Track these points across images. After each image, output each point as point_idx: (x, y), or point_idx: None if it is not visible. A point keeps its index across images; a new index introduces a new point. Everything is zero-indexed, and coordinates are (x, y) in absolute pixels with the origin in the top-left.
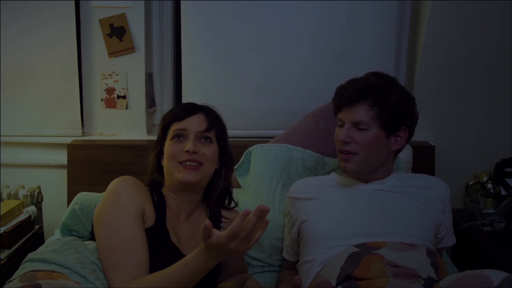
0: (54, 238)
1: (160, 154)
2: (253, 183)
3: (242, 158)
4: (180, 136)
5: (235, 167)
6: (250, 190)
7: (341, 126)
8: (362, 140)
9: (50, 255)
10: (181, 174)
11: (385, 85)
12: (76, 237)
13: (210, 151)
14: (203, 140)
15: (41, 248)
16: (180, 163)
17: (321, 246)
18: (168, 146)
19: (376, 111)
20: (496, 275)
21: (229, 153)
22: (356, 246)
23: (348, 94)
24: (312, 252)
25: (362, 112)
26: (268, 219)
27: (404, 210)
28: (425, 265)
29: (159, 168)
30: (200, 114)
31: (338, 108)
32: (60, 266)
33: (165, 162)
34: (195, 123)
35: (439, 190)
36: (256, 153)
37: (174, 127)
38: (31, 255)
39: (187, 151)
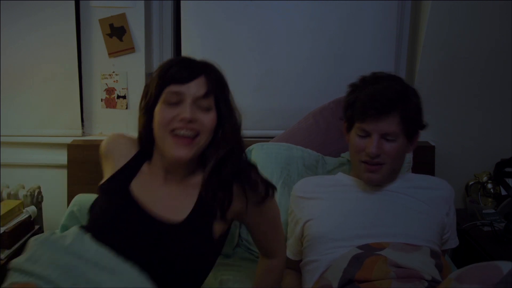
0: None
1: (150, 118)
2: None
3: None
4: (175, 103)
5: None
6: None
7: (363, 137)
8: (391, 151)
9: (26, 265)
10: (172, 149)
11: (406, 90)
12: (55, 232)
13: (208, 119)
14: (200, 109)
15: (22, 255)
16: (172, 131)
17: (325, 246)
18: (159, 110)
19: (403, 120)
20: (506, 265)
21: (231, 120)
22: (359, 247)
23: (380, 105)
24: (316, 252)
25: (392, 123)
26: None
27: (408, 211)
28: (429, 266)
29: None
30: (202, 77)
31: (363, 119)
32: (34, 276)
33: (155, 129)
34: (193, 87)
35: (443, 191)
36: (256, 151)
37: (169, 89)
38: (12, 264)
39: (183, 119)
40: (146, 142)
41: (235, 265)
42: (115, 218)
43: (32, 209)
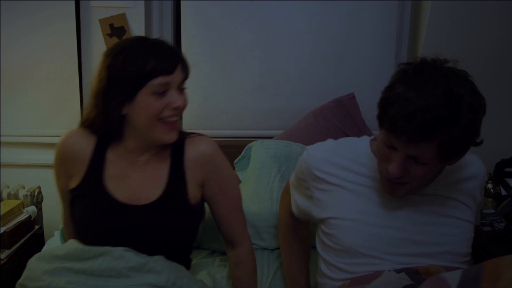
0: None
1: (122, 104)
2: (253, 175)
3: (242, 153)
4: (162, 92)
5: (235, 161)
6: (250, 182)
7: (391, 148)
8: (418, 173)
9: (26, 283)
10: (164, 135)
11: (457, 109)
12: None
13: (186, 99)
14: (179, 91)
15: (23, 274)
16: (160, 119)
17: (354, 260)
18: (148, 101)
19: (442, 145)
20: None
21: None
22: (409, 275)
23: (411, 131)
24: (343, 262)
25: (426, 149)
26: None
27: (451, 221)
28: None
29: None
30: (179, 64)
31: (393, 133)
32: None
33: (140, 118)
34: (177, 75)
35: (480, 179)
36: (256, 148)
37: (159, 81)
38: (17, 285)
39: (177, 108)
40: (113, 127)
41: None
42: (98, 221)
43: (32, 209)
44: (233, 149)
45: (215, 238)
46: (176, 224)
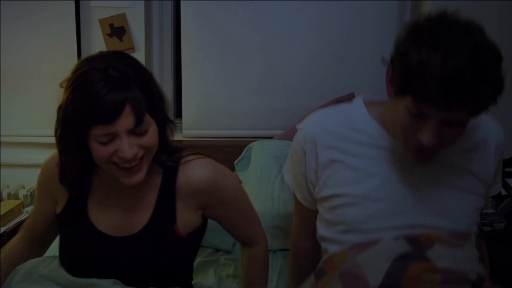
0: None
1: (76, 149)
2: (253, 176)
3: (242, 154)
4: (108, 141)
5: (236, 162)
6: (251, 183)
7: (419, 117)
8: (453, 136)
9: None
10: (122, 177)
11: (487, 65)
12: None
13: (148, 140)
14: (136, 135)
15: None
16: (115, 163)
17: (361, 236)
18: (93, 148)
19: (477, 104)
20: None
21: (163, 112)
22: (407, 239)
23: (452, 95)
24: (348, 238)
25: (462, 111)
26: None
27: (461, 194)
28: (475, 262)
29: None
30: (127, 106)
31: (427, 101)
32: None
33: (95, 159)
34: (122, 122)
35: (493, 139)
36: (256, 148)
37: (99, 132)
38: None
39: (123, 158)
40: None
41: (236, 261)
42: (82, 253)
43: (32, 209)
44: (233, 149)
45: (216, 238)
46: (162, 256)
